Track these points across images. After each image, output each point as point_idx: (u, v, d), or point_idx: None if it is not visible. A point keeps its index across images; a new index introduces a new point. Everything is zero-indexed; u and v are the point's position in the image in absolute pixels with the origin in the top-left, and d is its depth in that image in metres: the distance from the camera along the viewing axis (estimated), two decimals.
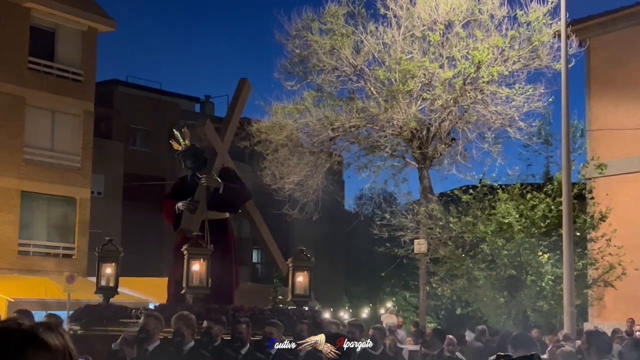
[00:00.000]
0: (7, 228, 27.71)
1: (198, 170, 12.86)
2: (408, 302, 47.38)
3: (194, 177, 12.85)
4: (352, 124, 23.71)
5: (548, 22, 22.61)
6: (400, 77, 22.83)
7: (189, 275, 11.55)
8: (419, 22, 23.14)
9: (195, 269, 11.54)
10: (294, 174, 24.51)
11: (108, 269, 12.53)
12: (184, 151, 12.98)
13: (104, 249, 12.66)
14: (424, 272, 24.44)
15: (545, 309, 20.94)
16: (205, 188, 12.55)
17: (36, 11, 29.13)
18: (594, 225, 21.74)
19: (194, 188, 12.68)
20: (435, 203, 23.19)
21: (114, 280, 12.55)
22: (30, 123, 28.68)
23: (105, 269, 12.53)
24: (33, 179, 28.42)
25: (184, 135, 13.02)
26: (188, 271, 11.56)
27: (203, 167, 12.90)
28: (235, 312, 11.38)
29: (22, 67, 28.61)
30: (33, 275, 26.66)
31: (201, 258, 11.58)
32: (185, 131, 13.15)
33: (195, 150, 13.04)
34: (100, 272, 12.51)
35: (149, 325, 8.80)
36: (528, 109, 22.89)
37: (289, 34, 24.43)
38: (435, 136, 23.91)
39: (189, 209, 12.40)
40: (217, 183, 12.62)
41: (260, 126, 24.47)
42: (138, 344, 8.76)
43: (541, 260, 20.66)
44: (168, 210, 12.96)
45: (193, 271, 11.55)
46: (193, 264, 11.55)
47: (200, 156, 13.05)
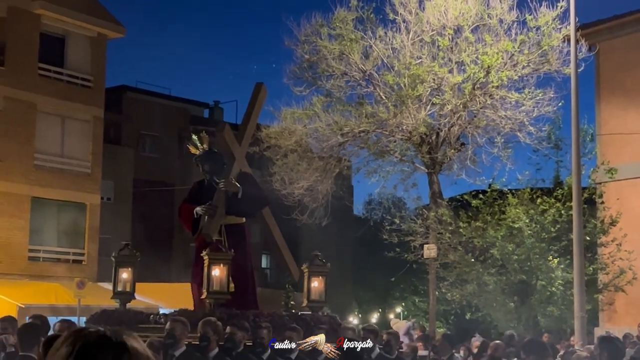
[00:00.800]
0: (18, 234, 27.80)
1: (216, 175, 12.83)
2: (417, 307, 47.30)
3: (211, 182, 12.82)
4: (362, 129, 23.71)
5: (557, 26, 22.57)
6: (409, 82, 22.83)
7: (209, 280, 11.48)
8: (428, 27, 23.13)
9: (215, 274, 11.48)
10: (303, 179, 24.52)
11: (124, 273, 12.44)
12: (202, 155, 12.94)
13: (121, 253, 12.58)
14: (433, 277, 24.40)
15: (556, 314, 20.90)
16: (224, 193, 12.52)
17: (46, 18, 29.24)
18: (605, 230, 21.70)
19: (211, 192, 12.64)
20: (444, 208, 23.16)
21: (130, 285, 12.48)
22: (40, 129, 28.78)
23: (122, 274, 12.44)
24: (43, 184, 28.50)
25: (202, 140, 12.98)
26: (209, 276, 11.49)
27: (221, 172, 12.88)
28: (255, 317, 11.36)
29: (33, 73, 28.73)
30: (43, 281, 26.72)
31: (221, 263, 11.52)
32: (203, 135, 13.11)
33: (213, 154, 13.00)
34: (117, 277, 12.42)
35: (175, 331, 8.71)
36: (538, 113, 22.86)
37: (298, 40, 24.47)
38: (445, 141, 23.89)
39: (208, 213, 12.38)
40: (236, 188, 12.59)
41: (270, 131, 24.48)
42: (164, 349, 8.65)
43: (551, 265, 20.62)
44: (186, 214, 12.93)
45: (214, 276, 11.48)
46: (214, 268, 11.49)
47: (219, 161, 13.02)
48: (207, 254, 11.54)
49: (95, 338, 2.02)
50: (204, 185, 13.00)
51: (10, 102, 27.90)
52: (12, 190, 27.66)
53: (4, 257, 27.20)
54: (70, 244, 29.66)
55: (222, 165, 13.00)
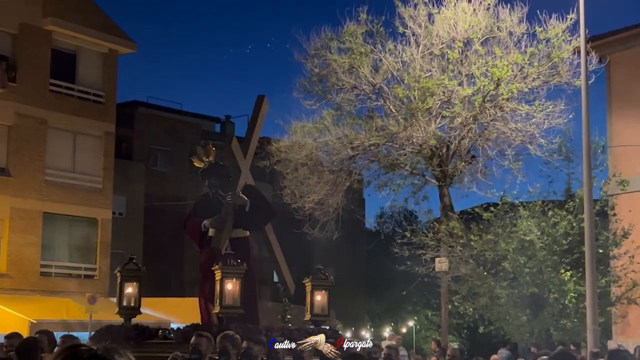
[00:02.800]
0: (30, 249, 27.86)
1: (221, 188, 12.81)
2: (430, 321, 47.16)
3: (217, 195, 12.80)
4: (372, 143, 23.69)
5: (567, 38, 22.54)
6: (419, 95, 22.82)
7: (222, 294, 11.38)
8: (437, 40, 23.13)
9: (228, 288, 11.39)
10: (314, 193, 24.49)
11: (130, 288, 12.29)
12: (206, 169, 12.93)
13: (126, 267, 12.46)
14: (445, 290, 24.31)
15: (569, 327, 20.76)
16: (231, 206, 12.50)
17: (57, 34, 29.39)
18: (617, 242, 21.56)
19: (217, 206, 12.63)
20: (455, 221, 23.09)
21: (136, 300, 12.30)
22: (51, 145, 28.89)
23: (127, 289, 12.29)
24: (55, 200, 28.58)
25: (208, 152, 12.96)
26: (222, 290, 11.40)
27: (226, 185, 12.87)
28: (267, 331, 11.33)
29: (44, 89, 28.86)
30: (55, 297, 26.75)
31: (234, 277, 11.45)
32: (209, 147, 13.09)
33: (218, 167, 12.98)
34: (123, 291, 12.25)
35: (201, 346, 8.63)
36: (548, 125, 22.79)
37: (308, 53, 24.50)
38: (455, 154, 23.84)
39: (216, 227, 12.35)
40: (243, 200, 12.58)
41: (280, 145, 24.50)
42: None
43: (563, 277, 20.50)
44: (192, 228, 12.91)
45: (227, 290, 11.38)
46: (227, 283, 11.39)
47: (224, 174, 13.00)
48: (220, 268, 11.48)
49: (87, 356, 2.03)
50: (210, 198, 12.99)
51: (21, 118, 28.02)
52: (24, 206, 27.75)
53: (15, 273, 27.26)
54: (82, 259, 29.71)
55: (228, 178, 12.97)
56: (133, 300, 12.19)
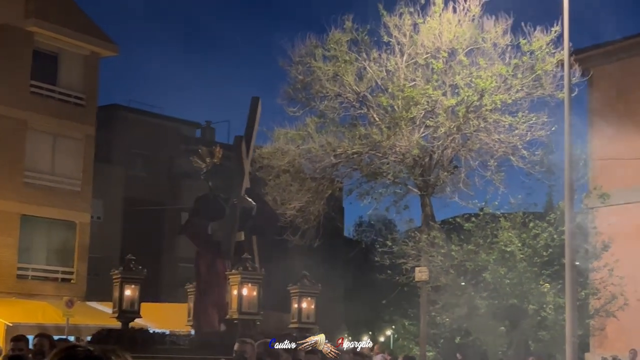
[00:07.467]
0: (7, 252, 27.58)
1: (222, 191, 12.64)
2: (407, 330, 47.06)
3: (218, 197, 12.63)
4: (355, 151, 23.65)
5: (551, 51, 22.62)
6: (403, 104, 22.82)
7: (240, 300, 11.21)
8: (422, 49, 23.15)
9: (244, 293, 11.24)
10: (295, 200, 24.41)
11: (128, 291, 12.00)
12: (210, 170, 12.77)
13: (125, 269, 12.19)
14: (424, 300, 24.27)
15: (547, 338, 20.81)
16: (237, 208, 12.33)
17: (39, 35, 29.19)
18: (597, 255, 21.65)
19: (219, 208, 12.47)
20: (437, 231, 23.09)
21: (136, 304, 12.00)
22: (31, 146, 28.65)
23: (126, 291, 11.96)
24: (33, 202, 28.32)
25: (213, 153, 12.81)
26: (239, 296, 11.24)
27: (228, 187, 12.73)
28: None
29: (25, 90, 28.63)
30: (32, 300, 26.50)
31: (250, 282, 11.31)
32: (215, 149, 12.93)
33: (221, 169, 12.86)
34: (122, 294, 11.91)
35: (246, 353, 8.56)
36: (531, 137, 22.85)
37: (292, 60, 24.44)
38: (438, 163, 23.85)
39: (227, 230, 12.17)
40: (250, 204, 12.43)
41: (263, 152, 24.40)
42: None
43: (543, 289, 20.56)
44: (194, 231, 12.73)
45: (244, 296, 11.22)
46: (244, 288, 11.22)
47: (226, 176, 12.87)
48: (240, 273, 11.31)
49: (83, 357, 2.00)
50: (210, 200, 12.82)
51: (1, 119, 27.77)
52: (2, 207, 27.48)
53: None
54: (60, 262, 29.45)
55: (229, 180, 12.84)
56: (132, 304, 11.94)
